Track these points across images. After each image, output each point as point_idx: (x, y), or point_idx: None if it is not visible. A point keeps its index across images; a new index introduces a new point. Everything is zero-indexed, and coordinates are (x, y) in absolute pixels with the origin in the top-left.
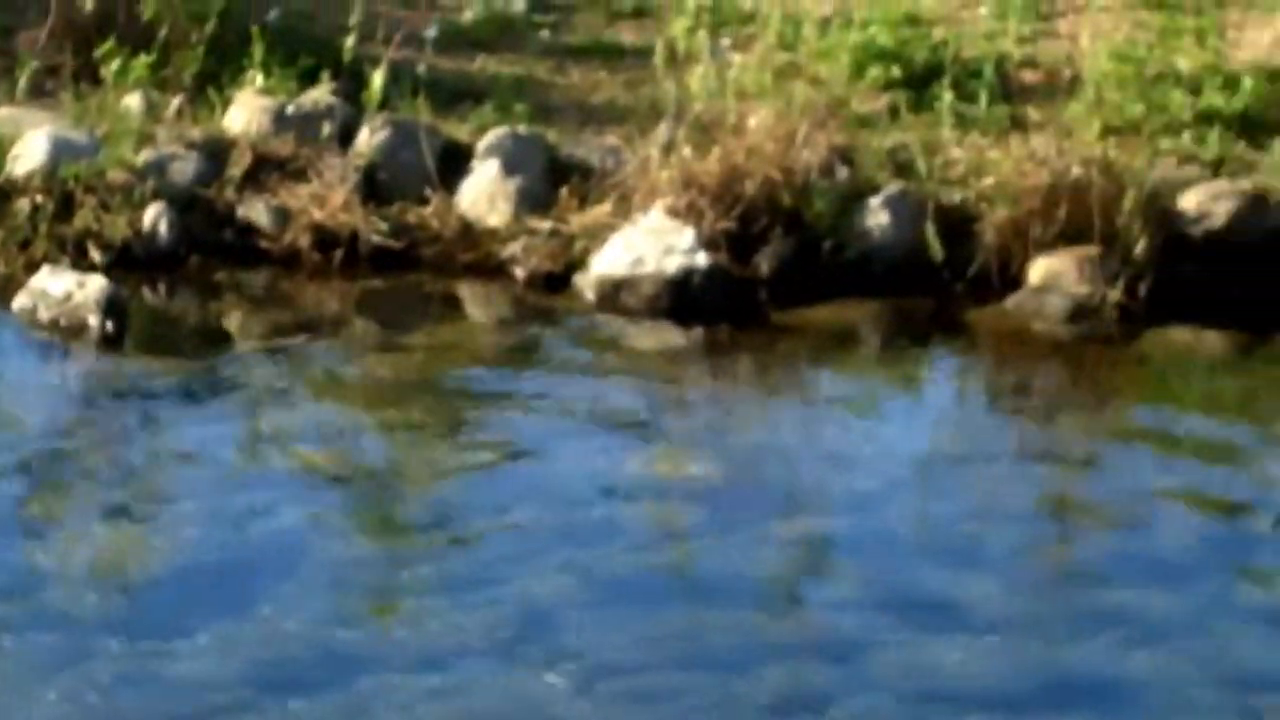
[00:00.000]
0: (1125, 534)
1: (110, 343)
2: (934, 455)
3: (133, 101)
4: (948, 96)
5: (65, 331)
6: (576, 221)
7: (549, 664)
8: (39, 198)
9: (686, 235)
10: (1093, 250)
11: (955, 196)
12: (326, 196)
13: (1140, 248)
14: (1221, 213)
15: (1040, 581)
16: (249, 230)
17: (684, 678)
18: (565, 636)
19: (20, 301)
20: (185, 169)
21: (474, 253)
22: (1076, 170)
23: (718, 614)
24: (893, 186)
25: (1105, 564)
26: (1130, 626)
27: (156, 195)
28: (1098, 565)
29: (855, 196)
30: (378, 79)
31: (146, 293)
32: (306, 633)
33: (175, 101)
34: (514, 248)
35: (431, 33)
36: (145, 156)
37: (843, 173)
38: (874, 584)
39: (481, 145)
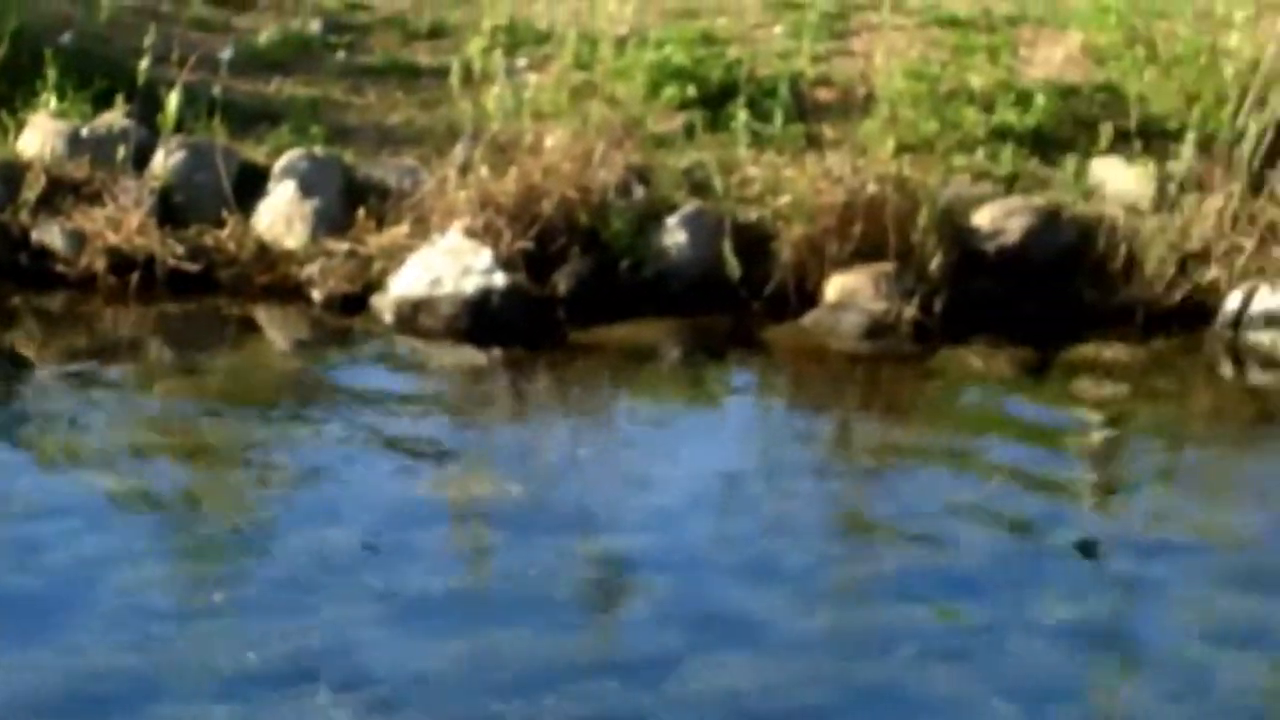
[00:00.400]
0: (920, 550)
1: None
2: (732, 472)
3: None
4: (743, 115)
5: None
6: (374, 243)
7: (348, 688)
8: None
9: (484, 255)
10: (888, 267)
11: (752, 215)
12: (122, 220)
13: (935, 264)
14: (1015, 229)
15: (837, 597)
16: (44, 254)
17: (484, 700)
18: (365, 660)
19: None
20: None
21: (271, 275)
22: (871, 188)
23: (518, 635)
24: (689, 205)
25: (901, 579)
26: (926, 641)
27: None
28: (894, 581)
29: (652, 215)
30: (173, 101)
31: None
32: (100, 661)
33: None
34: (311, 269)
35: (227, 55)
36: None
37: (639, 192)
38: (674, 601)
39: (278, 167)
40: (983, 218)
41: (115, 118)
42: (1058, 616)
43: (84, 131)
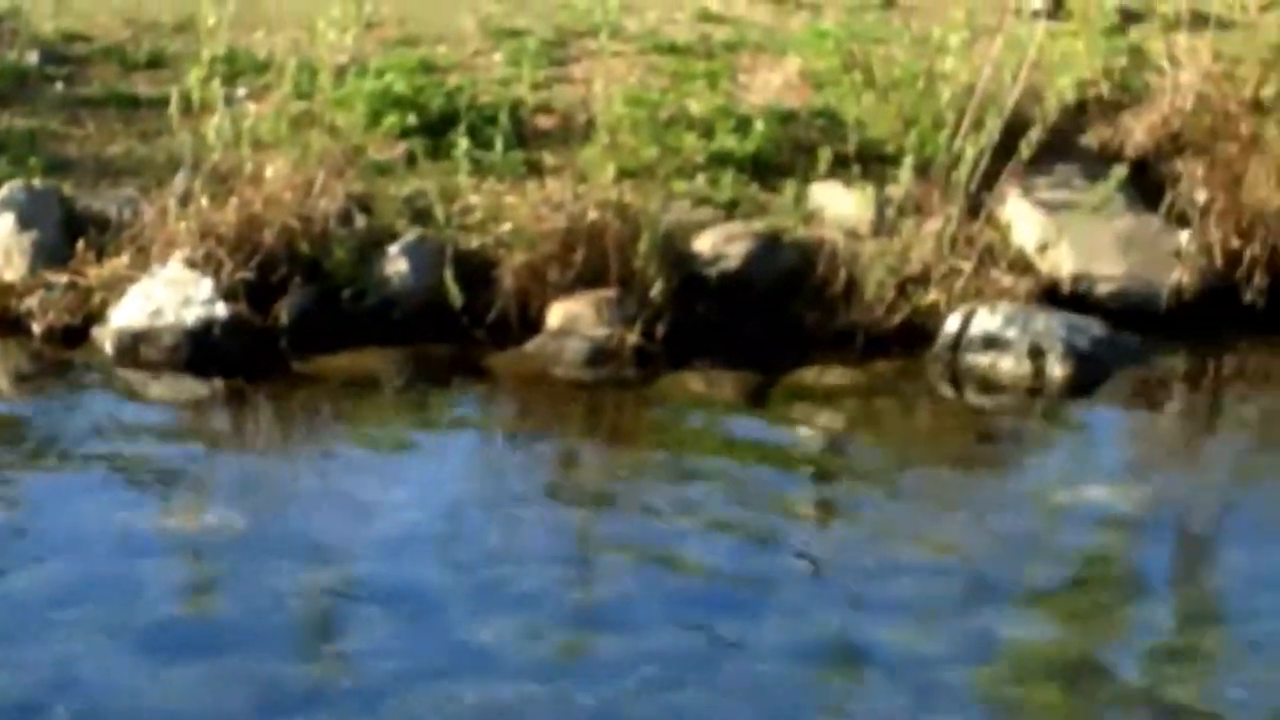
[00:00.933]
0: (648, 573)
1: None
2: (457, 500)
3: None
4: (464, 143)
5: None
6: (94, 274)
7: None
8: None
9: (205, 286)
10: (610, 293)
11: (473, 242)
12: None
13: (657, 290)
14: (735, 254)
15: (566, 622)
16: None
17: None
18: (95, 692)
19: None
20: None
21: None
22: (592, 214)
23: (247, 665)
24: (411, 234)
25: (629, 603)
26: (655, 664)
27: None
28: (622, 604)
29: (374, 244)
30: None
31: None
32: None
33: None
34: (30, 302)
35: None
36: None
37: (361, 221)
38: (402, 629)
39: None
40: (703, 243)
41: None
42: (786, 636)
43: None
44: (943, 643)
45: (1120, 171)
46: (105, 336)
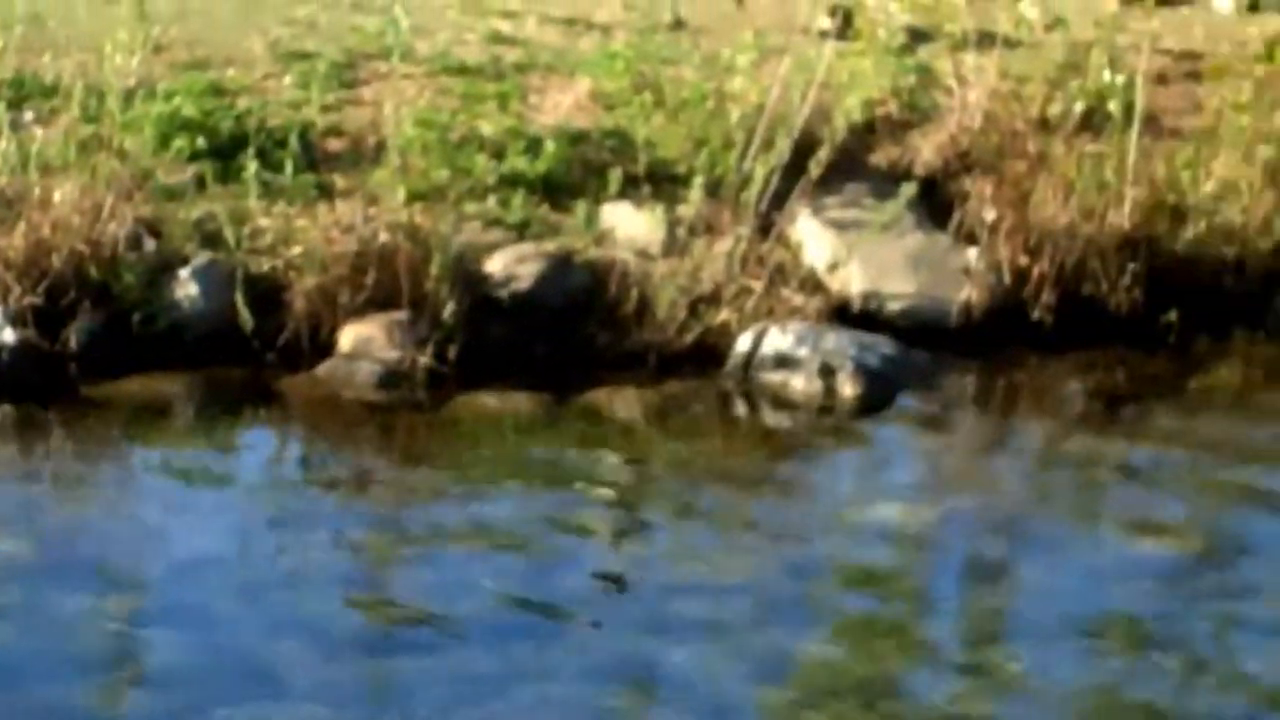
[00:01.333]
0: (440, 596)
1: None
2: (250, 524)
3: None
4: (253, 166)
5: None
6: None
7: None
8: None
9: None
10: (401, 315)
11: (264, 265)
12: None
13: (448, 312)
14: (527, 275)
15: (357, 645)
16: None
17: None
18: None
19: None
20: None
21: None
22: (383, 236)
23: (33, 695)
24: (201, 257)
25: (420, 627)
26: (444, 688)
27: None
28: (412, 628)
29: (164, 268)
30: None
31: None
32: None
33: None
34: None
35: None
36: None
37: (150, 245)
38: (194, 655)
39: None
40: (495, 264)
41: None
42: (579, 657)
43: None
44: (736, 663)
45: (909, 190)
46: None
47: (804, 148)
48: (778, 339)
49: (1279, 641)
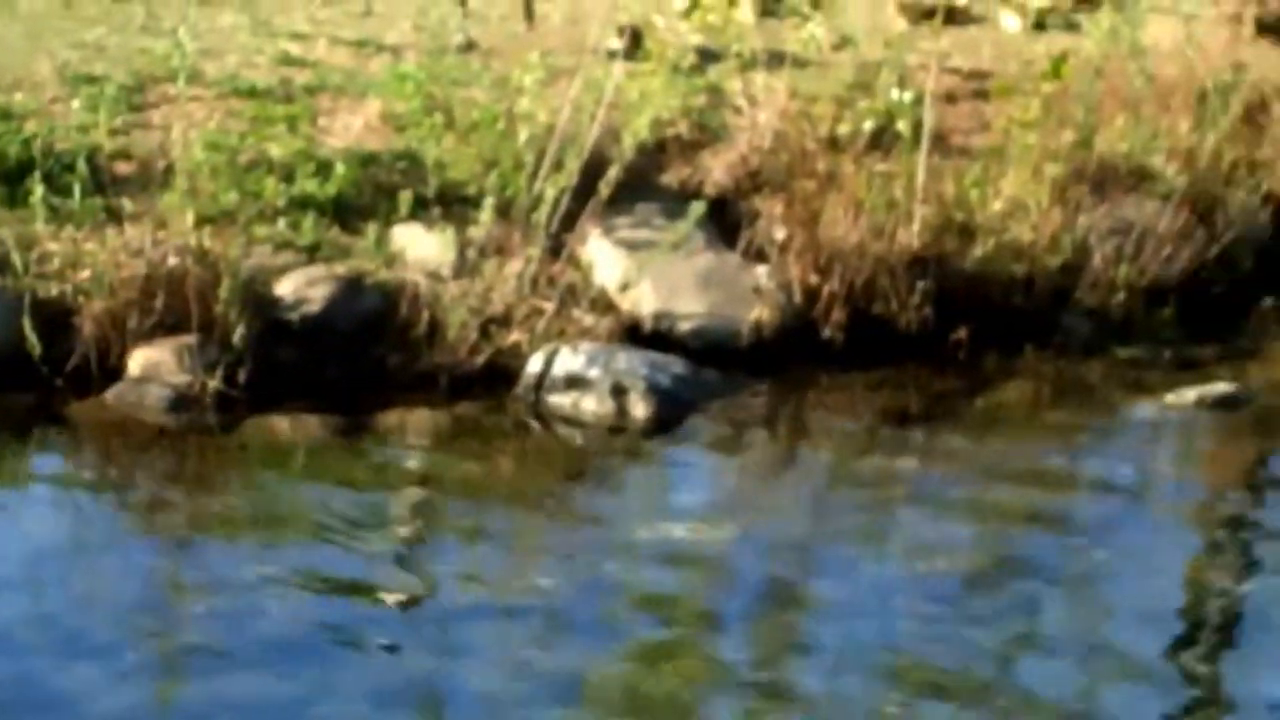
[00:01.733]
0: (233, 620)
1: None
2: (39, 550)
3: None
4: (40, 190)
5: None
6: None
7: None
8: None
9: None
10: (191, 339)
11: (52, 290)
12: None
13: (238, 335)
14: (318, 297)
15: (150, 671)
16: None
17: None
18: None
19: None
20: None
21: None
22: (172, 260)
23: None
24: None
25: (213, 650)
26: (246, 711)
27: None
28: (206, 652)
29: None
30: None
31: None
32: None
33: None
34: None
35: None
36: None
37: None
38: None
39: None
40: (285, 287)
41: None
42: (371, 681)
43: None
44: (527, 684)
45: (698, 208)
46: None
47: (594, 168)
48: (569, 360)
49: (1063, 661)
